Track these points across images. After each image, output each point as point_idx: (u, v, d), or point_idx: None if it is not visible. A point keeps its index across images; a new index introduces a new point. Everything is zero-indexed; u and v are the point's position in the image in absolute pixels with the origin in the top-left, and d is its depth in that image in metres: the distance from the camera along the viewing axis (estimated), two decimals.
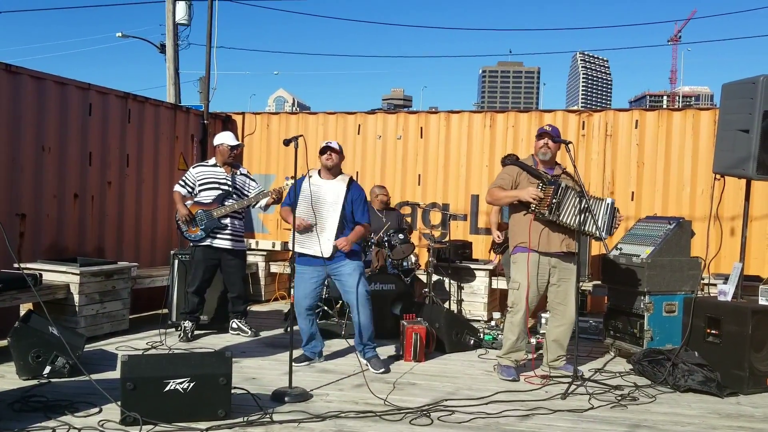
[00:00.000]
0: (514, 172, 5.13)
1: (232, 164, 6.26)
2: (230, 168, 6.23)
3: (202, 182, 6.13)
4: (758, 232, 7.49)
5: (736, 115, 5.01)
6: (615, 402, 4.46)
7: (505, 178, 5.12)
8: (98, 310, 6.03)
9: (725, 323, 4.86)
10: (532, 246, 4.95)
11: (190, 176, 6.20)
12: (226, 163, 6.21)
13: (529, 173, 5.06)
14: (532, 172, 5.05)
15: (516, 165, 5.21)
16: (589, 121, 8.22)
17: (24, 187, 6.27)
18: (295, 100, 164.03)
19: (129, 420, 3.73)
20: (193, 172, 6.21)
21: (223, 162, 6.20)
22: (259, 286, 8.47)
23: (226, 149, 6.17)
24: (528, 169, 5.09)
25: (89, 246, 7.01)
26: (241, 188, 6.25)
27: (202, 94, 12.10)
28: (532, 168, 5.09)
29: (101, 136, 7.16)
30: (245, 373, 4.97)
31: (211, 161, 6.29)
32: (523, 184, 5.04)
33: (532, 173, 5.04)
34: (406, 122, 8.84)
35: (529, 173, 5.06)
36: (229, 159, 6.21)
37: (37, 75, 6.41)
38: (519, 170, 5.11)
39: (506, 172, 5.21)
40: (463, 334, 6.03)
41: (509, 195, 5.05)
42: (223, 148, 6.18)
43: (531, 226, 4.95)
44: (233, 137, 6.27)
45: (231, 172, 6.22)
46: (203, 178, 6.14)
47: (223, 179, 6.16)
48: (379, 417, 4.06)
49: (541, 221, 4.93)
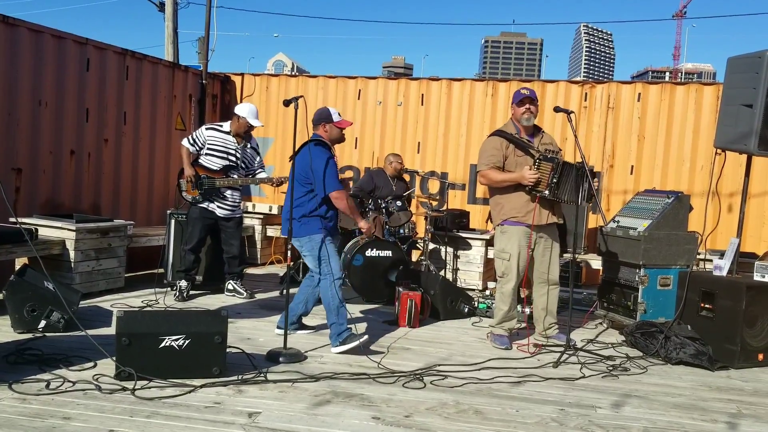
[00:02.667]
0: (500, 144, 4.98)
1: (244, 136, 6.19)
2: (242, 139, 6.16)
3: (212, 145, 6.06)
4: (756, 209, 7.50)
5: (740, 89, 4.96)
6: (606, 372, 4.50)
7: (495, 154, 4.97)
8: (94, 267, 6.03)
9: (719, 298, 4.88)
10: (531, 223, 4.92)
11: (201, 135, 6.10)
12: (239, 135, 6.14)
13: (516, 146, 4.97)
14: (520, 144, 4.96)
15: (500, 136, 5.04)
16: (591, 92, 8.16)
17: (20, 142, 6.21)
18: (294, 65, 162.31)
19: (123, 375, 3.75)
20: (205, 133, 6.10)
21: (236, 133, 6.12)
22: (256, 250, 8.48)
23: (245, 124, 6.07)
24: (514, 140, 4.98)
25: (85, 203, 6.98)
26: (248, 162, 6.21)
27: (201, 54, 11.94)
28: (518, 139, 4.99)
29: (98, 92, 7.08)
30: (240, 333, 4.99)
31: (225, 126, 6.16)
32: (511, 158, 4.95)
33: (519, 145, 4.96)
34: (407, 89, 8.76)
35: (516, 146, 4.97)
36: (242, 132, 6.13)
37: (34, 28, 6.30)
38: (505, 142, 4.98)
39: (492, 146, 5.01)
40: (457, 302, 6.06)
41: (507, 179, 4.93)
42: (242, 122, 6.06)
43: (527, 205, 4.91)
44: (255, 115, 6.10)
45: (242, 144, 6.15)
46: (214, 143, 6.07)
47: (233, 150, 6.09)
48: (372, 379, 4.09)
49: (542, 200, 4.89)
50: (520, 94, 5.02)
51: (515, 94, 5.09)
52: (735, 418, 3.77)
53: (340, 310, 4.65)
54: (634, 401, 3.96)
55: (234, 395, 3.70)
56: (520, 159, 4.94)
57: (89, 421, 3.23)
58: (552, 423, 3.55)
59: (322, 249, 4.67)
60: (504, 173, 4.96)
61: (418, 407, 3.66)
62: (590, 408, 3.80)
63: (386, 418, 3.48)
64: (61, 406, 3.40)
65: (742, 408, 3.95)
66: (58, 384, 3.68)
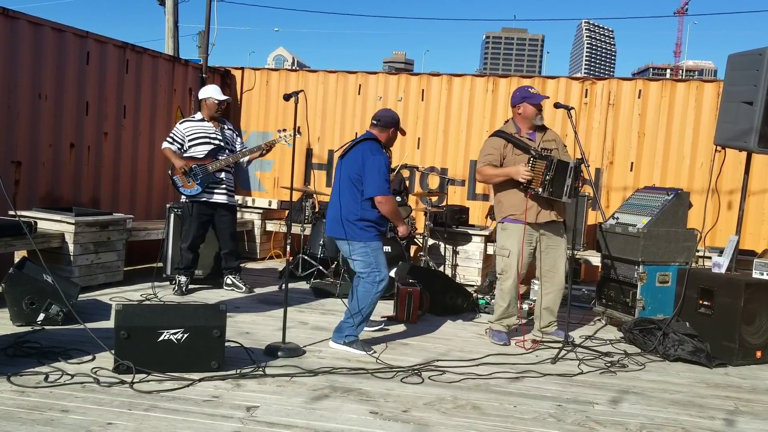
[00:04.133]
0: (499, 144, 5.02)
1: (218, 119, 6.21)
2: (218, 123, 6.18)
3: (192, 137, 6.07)
4: (755, 207, 7.50)
5: (740, 86, 4.95)
6: (604, 368, 4.51)
7: (493, 153, 5.01)
8: (93, 260, 6.03)
9: (718, 295, 4.89)
10: (528, 220, 4.94)
11: (178, 132, 6.11)
12: (213, 118, 6.15)
13: (515, 145, 4.99)
14: (519, 144, 4.98)
15: (499, 136, 5.07)
16: (592, 89, 8.15)
17: (20, 135, 6.20)
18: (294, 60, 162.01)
19: (122, 368, 3.75)
20: (180, 128, 6.12)
21: (210, 117, 6.14)
22: (255, 244, 8.47)
23: (214, 104, 6.11)
24: (513, 140, 5.00)
25: (85, 196, 6.98)
26: (231, 143, 6.21)
27: (201, 48, 11.87)
28: (517, 139, 5.01)
29: (98, 85, 7.07)
30: (239, 327, 5.00)
31: (197, 116, 6.21)
32: (509, 157, 4.97)
33: (518, 145, 4.98)
34: (407, 84, 8.74)
35: (515, 145, 4.99)
36: (216, 114, 6.15)
37: (34, 20, 6.28)
38: (504, 142, 5.01)
39: (491, 145, 5.07)
40: (456, 298, 6.06)
41: (500, 173, 4.97)
42: (210, 102, 6.11)
43: (524, 202, 4.92)
44: (219, 91, 6.20)
45: (219, 127, 6.17)
46: (193, 133, 6.08)
47: (213, 133, 6.11)
48: (370, 374, 4.09)
49: (535, 197, 4.91)
50: (537, 96, 5.05)
51: (520, 90, 5.11)
52: (732, 415, 3.78)
53: (363, 318, 4.60)
54: (632, 397, 3.97)
55: (232, 389, 3.70)
56: (519, 158, 4.94)
57: (87, 414, 3.23)
58: (549, 419, 3.55)
59: (378, 256, 4.57)
60: (498, 169, 4.99)
61: (416, 402, 3.67)
62: (588, 404, 3.81)
63: (384, 413, 3.48)
64: (60, 398, 3.41)
65: (739, 405, 3.96)
66: (56, 377, 3.68)
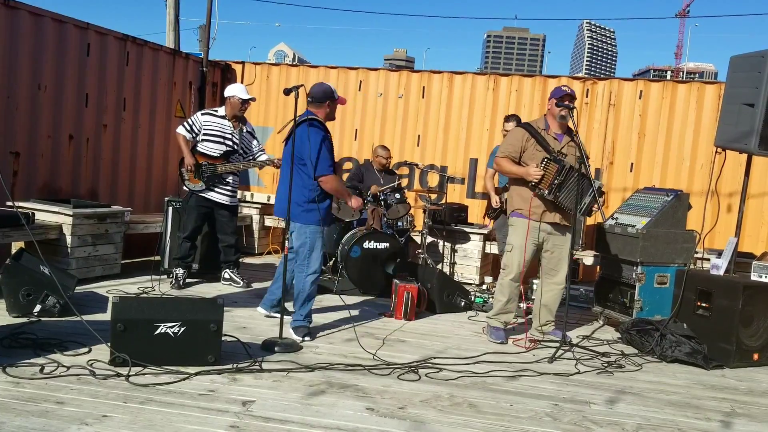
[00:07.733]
0: (521, 136, 5.02)
1: (240, 118, 6.17)
2: (238, 123, 6.14)
3: (208, 131, 6.03)
4: (754, 209, 7.49)
5: (742, 88, 4.95)
6: (601, 368, 4.51)
7: (514, 145, 5.03)
8: (90, 252, 6.01)
9: (716, 297, 4.88)
10: (532, 217, 4.94)
11: (197, 121, 6.05)
12: (235, 116, 6.11)
13: (537, 141, 4.97)
14: (541, 141, 4.97)
15: (524, 128, 5.08)
16: (593, 89, 8.13)
17: (18, 126, 6.19)
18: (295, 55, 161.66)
19: (118, 361, 3.74)
20: (201, 119, 6.06)
21: (233, 115, 6.09)
22: (253, 239, 8.46)
23: (237, 102, 6.05)
24: (537, 136, 4.98)
25: (83, 188, 6.96)
26: (245, 147, 6.19)
27: (202, 42, 11.86)
28: (541, 136, 4.99)
29: (98, 77, 7.05)
30: (236, 322, 4.98)
31: (220, 111, 6.13)
32: (529, 151, 4.97)
33: (540, 142, 4.97)
34: (408, 81, 8.73)
35: (537, 141, 4.97)
36: (239, 113, 6.10)
37: (35, 11, 6.26)
38: (527, 135, 5.00)
39: (514, 136, 5.10)
40: (454, 296, 6.05)
41: (514, 171, 5.00)
42: (234, 101, 6.05)
43: (532, 200, 4.93)
44: (245, 90, 6.11)
45: (238, 128, 6.13)
46: (210, 128, 6.04)
47: (229, 134, 6.07)
48: (367, 371, 4.09)
49: (541, 198, 4.91)
50: (569, 91, 5.02)
51: (555, 89, 5.08)
52: (729, 417, 3.77)
53: (306, 304, 4.74)
54: (629, 398, 3.97)
55: (228, 383, 3.69)
56: (538, 153, 4.94)
57: (82, 406, 3.22)
58: (546, 418, 3.55)
59: (314, 241, 4.70)
60: (513, 165, 5.01)
61: (412, 399, 3.66)
62: (584, 404, 3.80)
63: (380, 410, 3.47)
64: (55, 390, 3.39)
65: (736, 407, 3.95)
66: (52, 368, 3.66)
